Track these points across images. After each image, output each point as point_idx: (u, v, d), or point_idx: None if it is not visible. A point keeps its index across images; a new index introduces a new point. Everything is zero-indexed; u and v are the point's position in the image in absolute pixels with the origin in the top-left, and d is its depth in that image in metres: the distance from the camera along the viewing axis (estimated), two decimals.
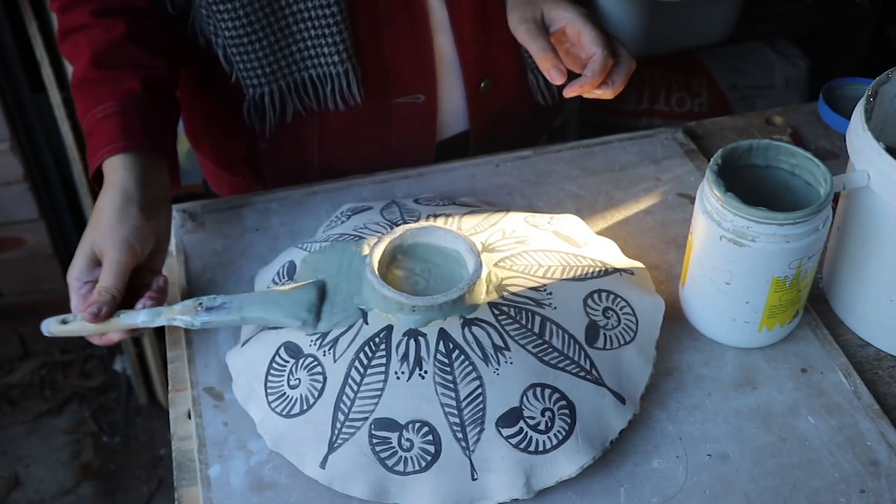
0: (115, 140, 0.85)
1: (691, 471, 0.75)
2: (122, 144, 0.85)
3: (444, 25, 0.99)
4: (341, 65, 0.95)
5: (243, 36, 0.93)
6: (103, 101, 0.88)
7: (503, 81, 1.05)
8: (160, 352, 1.74)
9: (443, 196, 0.97)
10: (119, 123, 0.86)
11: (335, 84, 0.97)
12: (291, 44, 0.95)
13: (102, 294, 0.79)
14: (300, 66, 0.96)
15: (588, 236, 0.89)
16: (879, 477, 0.74)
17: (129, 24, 0.91)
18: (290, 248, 0.89)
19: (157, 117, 0.90)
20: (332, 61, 0.95)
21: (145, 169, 0.85)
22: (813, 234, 0.76)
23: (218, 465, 0.76)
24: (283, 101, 0.98)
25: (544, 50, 0.87)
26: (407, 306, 0.75)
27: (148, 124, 0.88)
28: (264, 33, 0.93)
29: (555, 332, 0.77)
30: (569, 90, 0.87)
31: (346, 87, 0.97)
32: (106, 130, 0.86)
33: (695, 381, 0.81)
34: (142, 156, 0.85)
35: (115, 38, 0.90)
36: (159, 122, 0.90)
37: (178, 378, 0.83)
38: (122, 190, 0.83)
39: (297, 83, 0.97)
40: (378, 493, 0.72)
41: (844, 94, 1.11)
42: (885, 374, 0.83)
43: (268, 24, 0.93)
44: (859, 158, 0.79)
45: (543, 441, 0.72)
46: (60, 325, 0.81)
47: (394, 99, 1.02)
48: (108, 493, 1.76)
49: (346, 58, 0.95)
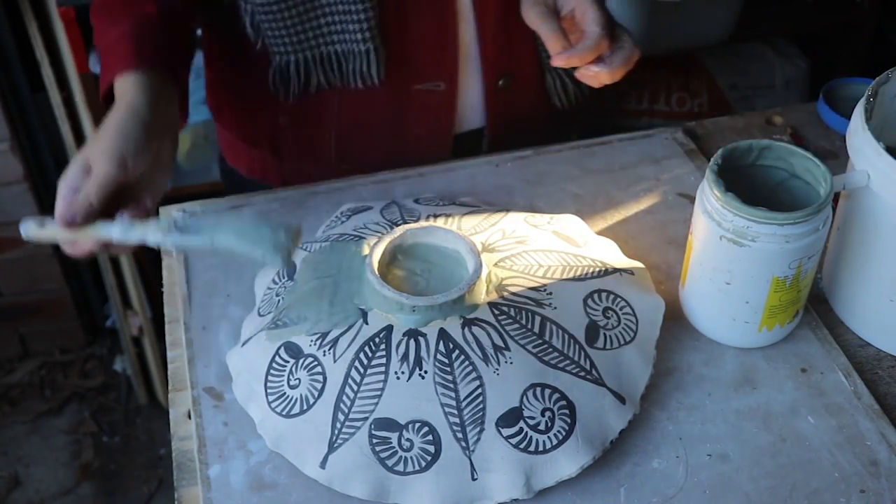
0: (128, 59, 0.85)
1: (691, 471, 0.75)
2: (135, 64, 0.85)
3: (468, 16, 1.00)
4: (363, 44, 0.96)
5: (272, 3, 0.94)
6: (119, 24, 0.88)
7: (521, 80, 1.06)
8: (160, 352, 1.74)
9: (443, 196, 0.97)
10: (133, 43, 0.86)
11: (357, 62, 0.98)
12: (319, 16, 0.95)
13: (81, 201, 0.77)
14: (326, 39, 0.97)
15: (588, 236, 0.89)
16: (879, 477, 0.74)
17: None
18: None
19: (171, 44, 0.91)
20: (355, 38, 0.96)
21: (156, 90, 0.84)
22: (813, 234, 0.76)
23: (218, 465, 0.76)
24: (308, 72, 0.99)
25: (553, 31, 0.87)
26: (407, 306, 0.75)
27: (161, 48, 0.88)
28: (294, 2, 0.94)
29: (555, 332, 0.77)
30: (556, 58, 0.86)
31: (367, 67, 0.98)
32: (120, 51, 0.86)
33: (695, 381, 0.81)
34: (154, 76, 0.85)
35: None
36: (172, 49, 0.91)
37: (178, 378, 0.83)
38: (130, 105, 0.82)
39: (323, 56, 0.98)
40: (378, 493, 0.72)
41: (844, 94, 1.11)
42: (885, 374, 0.83)
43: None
44: (859, 158, 0.79)
45: (543, 441, 0.72)
46: (37, 228, 0.79)
47: (414, 84, 1.02)
48: (108, 493, 1.77)
49: (369, 37, 0.96)
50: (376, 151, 1.05)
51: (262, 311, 0.84)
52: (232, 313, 0.87)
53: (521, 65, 1.05)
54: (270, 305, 0.83)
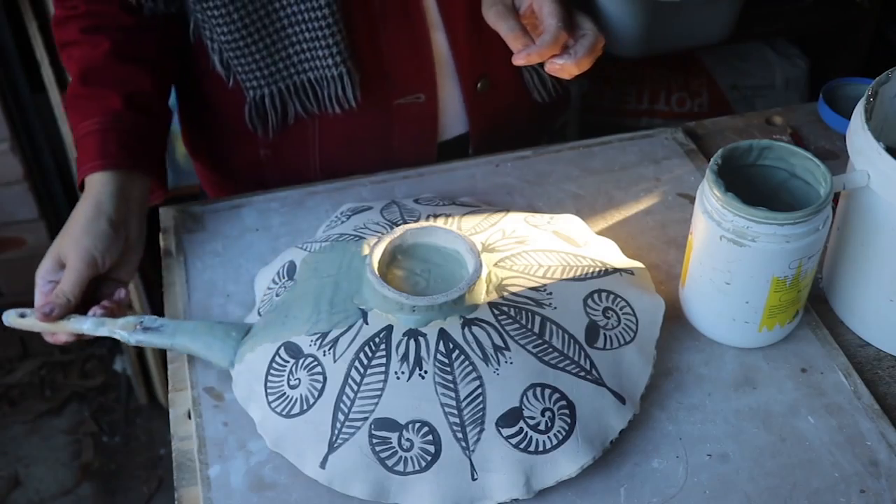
0: (94, 157, 0.89)
1: (691, 471, 0.75)
2: (100, 162, 0.89)
3: (438, 24, 0.99)
4: (335, 68, 0.95)
5: (238, 40, 0.93)
6: (88, 118, 0.91)
7: (499, 81, 1.05)
8: (160, 352, 1.73)
9: (443, 196, 0.96)
10: (98, 141, 0.90)
11: (332, 87, 0.97)
12: (287, 46, 0.95)
13: (58, 296, 0.83)
14: (297, 68, 0.96)
15: (588, 236, 0.89)
16: (879, 477, 0.74)
17: (113, 42, 0.94)
18: (290, 248, 0.89)
19: (139, 133, 0.92)
20: (326, 64, 0.95)
21: (121, 185, 0.88)
22: (813, 234, 0.76)
23: (218, 465, 0.76)
24: (284, 103, 0.98)
25: (513, 30, 0.85)
26: (407, 306, 0.75)
27: (127, 141, 0.91)
28: (259, 36, 0.93)
29: (555, 332, 0.77)
30: (516, 58, 0.84)
31: (342, 91, 0.97)
32: (88, 147, 0.90)
33: (695, 381, 0.81)
34: (119, 172, 0.89)
35: (100, 56, 0.93)
36: (140, 138, 0.92)
37: (178, 378, 0.83)
38: (95, 203, 0.87)
39: (297, 86, 0.97)
40: (378, 493, 0.72)
41: (844, 94, 1.11)
42: (885, 374, 0.83)
43: (262, 27, 0.93)
44: (859, 158, 0.79)
45: (543, 441, 0.72)
46: (18, 318, 0.86)
47: (394, 100, 1.02)
48: (108, 493, 1.76)
49: (340, 61, 0.95)
50: (362, 169, 1.03)
51: (261, 310, 0.84)
52: (232, 313, 0.87)
53: (497, 65, 1.02)
54: (270, 305, 0.83)
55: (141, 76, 0.95)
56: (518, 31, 0.85)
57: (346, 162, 1.05)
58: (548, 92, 1.08)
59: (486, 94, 1.04)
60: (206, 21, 0.93)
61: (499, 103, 1.07)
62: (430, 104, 1.03)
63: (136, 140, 0.92)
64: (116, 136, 0.90)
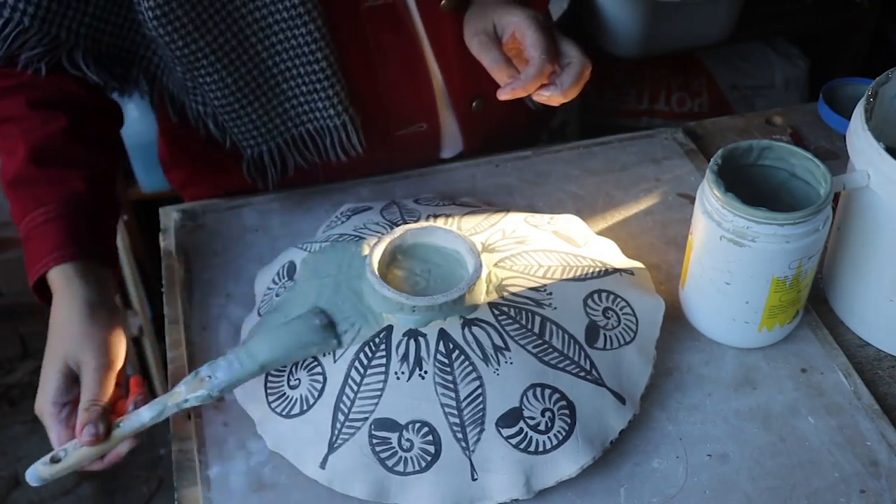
0: (61, 246, 0.79)
1: (691, 471, 0.75)
2: (71, 251, 0.79)
3: (430, 54, 0.96)
4: (338, 118, 0.92)
5: (234, 103, 0.89)
6: (45, 203, 0.81)
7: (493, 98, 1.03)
8: (160, 352, 1.74)
9: (443, 196, 0.96)
10: (64, 228, 0.80)
11: (334, 136, 0.94)
12: (284, 101, 0.91)
13: (92, 410, 0.71)
14: (295, 121, 0.93)
15: (588, 236, 0.89)
16: (879, 477, 0.74)
17: (70, 119, 0.85)
18: (290, 248, 0.89)
19: (103, 219, 0.85)
20: (327, 115, 0.92)
21: (97, 277, 0.79)
22: (813, 235, 0.76)
23: (218, 465, 0.76)
24: (283, 157, 0.95)
25: (496, 62, 0.83)
26: (407, 306, 0.75)
27: (94, 228, 0.82)
28: (255, 96, 0.90)
29: (555, 332, 0.77)
30: (501, 92, 0.82)
31: (346, 138, 0.94)
32: (49, 235, 0.79)
33: (695, 381, 0.81)
34: (91, 263, 0.80)
35: (55, 133, 0.84)
36: (105, 224, 0.85)
37: (178, 378, 0.83)
38: (83, 299, 0.76)
39: (296, 138, 0.94)
40: (378, 493, 0.72)
41: (844, 94, 1.11)
42: (885, 374, 0.83)
43: (257, 86, 0.89)
44: (859, 158, 0.79)
45: (543, 441, 0.72)
46: (53, 465, 0.70)
47: (396, 132, 1.00)
48: (108, 493, 1.76)
49: (341, 110, 0.91)
50: None
51: (261, 311, 0.84)
52: (232, 313, 0.87)
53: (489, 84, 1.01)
54: (270, 305, 0.83)
55: (101, 156, 0.87)
56: (501, 63, 0.83)
57: None
58: None
59: (480, 112, 1.03)
60: (197, 88, 0.89)
61: (491, 117, 1.05)
62: (432, 131, 1.02)
63: (102, 227, 0.84)
64: (85, 222, 0.81)
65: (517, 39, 0.85)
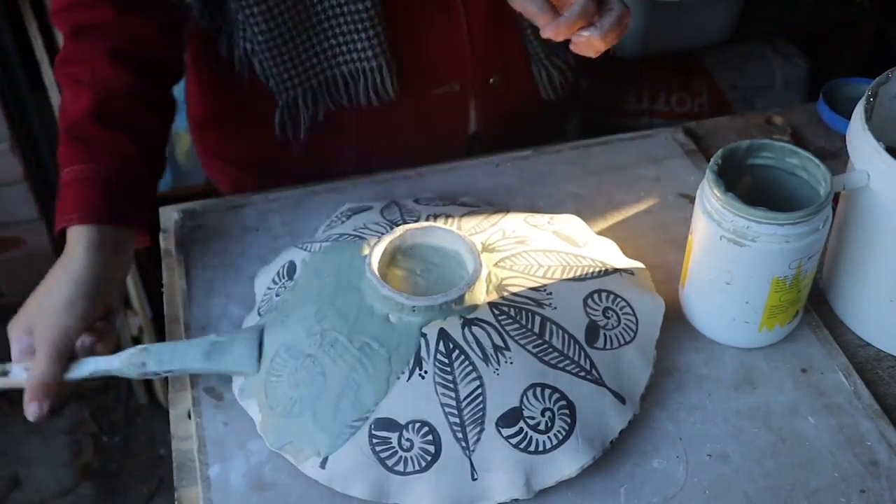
0: (91, 208, 0.81)
1: (691, 471, 0.75)
2: (99, 215, 0.81)
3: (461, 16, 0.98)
4: (375, 60, 0.94)
5: (278, 37, 0.91)
6: (93, 160, 0.84)
7: (511, 77, 1.05)
8: None
9: (443, 196, 0.97)
10: (102, 191, 0.82)
11: (368, 79, 0.95)
12: (323, 40, 0.93)
13: (37, 388, 0.78)
14: (332, 62, 0.95)
15: (588, 236, 0.89)
16: (879, 477, 0.74)
17: (137, 76, 0.87)
18: (290, 248, 0.89)
19: (145, 183, 0.87)
20: (365, 56, 0.93)
21: (109, 245, 0.82)
22: (813, 234, 0.76)
23: (218, 465, 0.76)
24: (316, 102, 0.97)
25: (539, 7, 0.81)
26: (407, 306, 0.75)
27: (130, 192, 0.85)
28: (297, 31, 0.92)
29: (555, 332, 0.77)
30: (543, 30, 0.81)
31: (381, 82, 0.95)
32: (85, 193, 0.82)
33: (695, 381, 0.81)
34: (109, 229, 0.82)
35: (121, 92, 0.87)
36: (146, 188, 0.88)
37: (178, 378, 0.83)
38: (76, 277, 0.79)
39: (329, 80, 0.96)
40: (378, 493, 0.72)
41: (844, 94, 1.11)
42: (885, 374, 0.83)
43: (300, 21, 0.92)
44: (859, 158, 0.79)
45: (543, 441, 0.72)
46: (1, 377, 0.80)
47: (432, 90, 1.01)
48: (108, 493, 1.76)
49: (380, 52, 0.93)
50: (393, 163, 1.02)
51: (261, 310, 0.84)
52: (232, 313, 0.87)
53: (511, 61, 1.02)
54: (270, 305, 0.83)
55: (156, 119, 0.90)
56: (545, 7, 0.81)
57: (379, 156, 1.04)
58: (555, 90, 1.07)
59: (498, 91, 1.04)
60: (245, 21, 0.91)
61: (509, 100, 1.06)
62: (464, 95, 1.03)
63: (139, 188, 0.86)
64: (119, 186, 0.83)
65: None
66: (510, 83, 1.05)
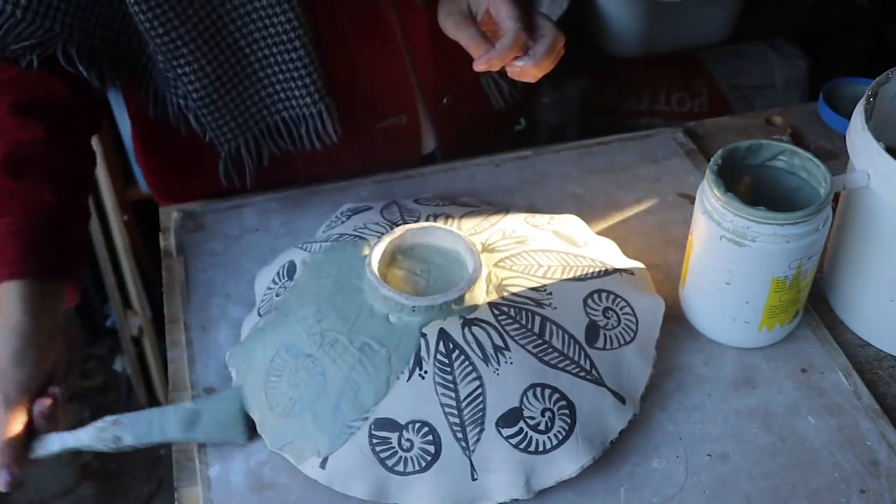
0: (17, 262, 0.77)
1: (691, 471, 0.75)
2: (26, 268, 0.77)
3: (403, 45, 0.96)
4: (314, 105, 0.91)
5: (213, 93, 0.89)
6: (11, 213, 0.79)
7: (463, 94, 1.03)
8: (160, 352, 1.74)
9: (443, 196, 0.97)
10: (25, 242, 0.78)
11: (310, 124, 0.93)
12: (260, 89, 0.91)
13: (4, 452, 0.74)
14: (271, 109, 0.92)
15: (588, 236, 0.89)
16: (879, 477, 0.74)
17: (49, 127, 0.83)
18: (290, 248, 0.89)
19: (72, 229, 0.84)
20: (304, 102, 0.91)
21: (43, 297, 0.78)
22: (813, 234, 0.76)
23: (218, 465, 0.76)
24: (259, 148, 0.94)
25: (472, 38, 0.82)
26: (407, 307, 0.75)
27: (56, 242, 0.81)
28: (232, 84, 0.89)
29: (555, 332, 0.77)
30: (476, 63, 0.81)
31: (322, 126, 0.93)
32: (8, 249, 0.78)
33: (695, 381, 0.81)
34: (42, 282, 0.78)
35: (33, 142, 0.82)
36: (73, 235, 0.84)
37: (178, 378, 0.83)
38: (18, 329, 0.75)
39: (271, 127, 0.93)
40: (378, 493, 0.72)
41: (844, 94, 1.11)
42: (885, 374, 0.83)
43: (234, 74, 0.89)
44: (859, 158, 0.79)
45: (543, 441, 0.72)
46: None
47: (376, 124, 1.00)
48: (108, 493, 1.76)
49: (318, 98, 0.91)
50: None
51: (261, 310, 0.84)
52: (232, 313, 0.87)
53: (459, 79, 0.99)
54: (270, 305, 0.83)
55: (75, 164, 0.86)
56: (478, 39, 0.82)
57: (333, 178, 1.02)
58: (505, 99, 1.05)
59: (451, 108, 1.02)
60: (176, 80, 0.88)
61: (463, 115, 1.04)
62: (411, 125, 1.01)
63: (66, 238, 0.82)
64: (47, 237, 0.80)
65: (492, 16, 0.84)
66: (461, 100, 1.03)
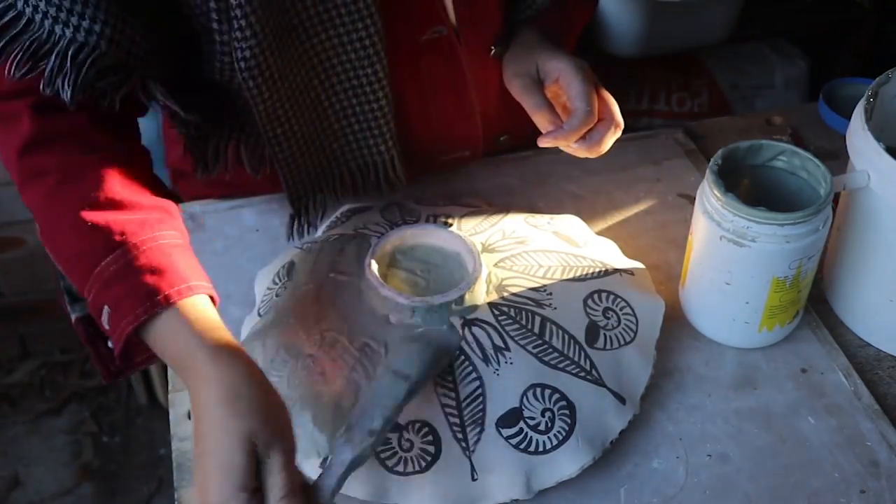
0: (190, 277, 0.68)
1: (691, 471, 0.75)
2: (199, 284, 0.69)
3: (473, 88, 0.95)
4: (387, 153, 0.88)
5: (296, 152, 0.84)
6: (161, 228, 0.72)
7: (518, 133, 1.02)
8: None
9: (443, 196, 0.96)
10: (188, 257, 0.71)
11: (379, 171, 0.90)
12: (333, 142, 0.87)
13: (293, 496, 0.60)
14: (339, 160, 0.89)
15: (588, 237, 0.89)
16: (879, 477, 0.74)
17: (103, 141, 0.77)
18: (290, 248, 0.89)
19: None
20: (376, 151, 0.88)
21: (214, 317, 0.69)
22: (813, 235, 0.76)
23: None
24: (325, 204, 0.91)
25: (539, 107, 0.83)
26: (406, 307, 0.75)
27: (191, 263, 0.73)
28: (312, 140, 0.86)
29: (555, 332, 0.77)
30: (541, 140, 0.83)
31: (392, 171, 0.90)
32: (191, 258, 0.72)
33: (695, 381, 0.81)
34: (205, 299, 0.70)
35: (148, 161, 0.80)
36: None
37: (179, 378, 0.83)
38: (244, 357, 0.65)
39: (336, 179, 0.90)
40: (378, 493, 0.72)
41: (844, 94, 1.11)
42: (885, 374, 0.83)
43: (314, 130, 0.85)
44: (859, 158, 0.79)
45: (543, 441, 0.72)
46: None
47: (441, 157, 0.99)
48: (108, 493, 1.76)
49: (391, 145, 0.88)
50: None
51: (261, 311, 0.84)
52: (232, 313, 0.87)
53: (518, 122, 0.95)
54: (270, 305, 0.83)
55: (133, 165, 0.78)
56: (545, 108, 0.83)
57: None
58: None
59: (503, 145, 1.03)
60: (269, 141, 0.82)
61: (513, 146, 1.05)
62: (472, 157, 1.01)
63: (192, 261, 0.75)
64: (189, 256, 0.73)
65: (560, 86, 0.85)
66: (515, 137, 1.04)
